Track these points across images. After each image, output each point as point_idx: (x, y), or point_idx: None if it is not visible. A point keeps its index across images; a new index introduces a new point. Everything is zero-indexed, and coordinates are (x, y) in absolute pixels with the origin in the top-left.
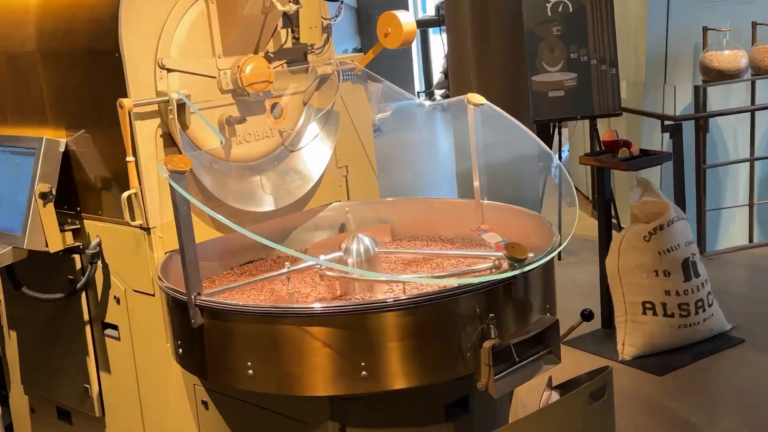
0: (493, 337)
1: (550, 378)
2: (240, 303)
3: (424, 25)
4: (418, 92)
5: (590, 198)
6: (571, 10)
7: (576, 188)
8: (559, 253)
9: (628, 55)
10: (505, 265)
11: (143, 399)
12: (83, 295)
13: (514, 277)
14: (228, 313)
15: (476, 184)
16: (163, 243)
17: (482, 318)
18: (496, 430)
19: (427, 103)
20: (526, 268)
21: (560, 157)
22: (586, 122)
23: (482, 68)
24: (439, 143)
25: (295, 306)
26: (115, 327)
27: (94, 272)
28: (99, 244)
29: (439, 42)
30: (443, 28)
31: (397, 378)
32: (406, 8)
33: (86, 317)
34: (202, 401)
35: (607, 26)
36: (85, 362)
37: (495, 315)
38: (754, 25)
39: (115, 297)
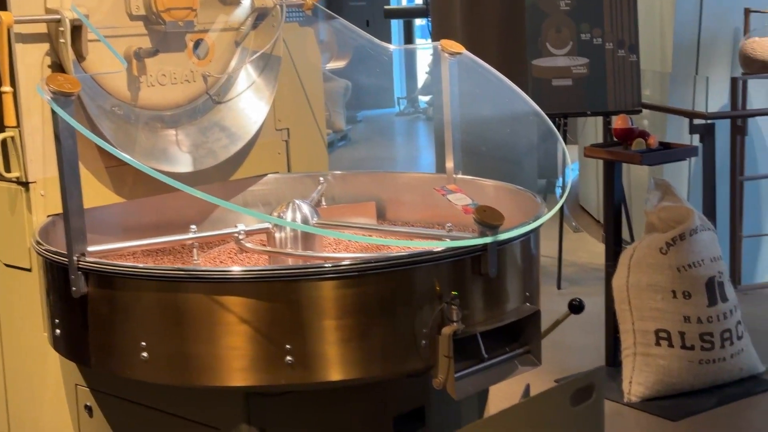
0: (455, 320)
1: (527, 387)
2: (135, 265)
3: (408, 14)
4: (398, 98)
5: (601, 221)
6: None
7: (583, 209)
8: (559, 280)
9: (652, 39)
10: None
11: (11, 404)
12: None
13: (485, 246)
14: (119, 278)
15: (448, 136)
16: (45, 203)
17: (442, 296)
18: None
19: (392, 47)
20: (501, 236)
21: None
22: (599, 120)
23: (472, 50)
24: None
25: (205, 269)
26: None
27: None
28: None
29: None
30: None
31: (332, 368)
32: None
33: None
34: (86, 406)
35: (627, 3)
36: None
37: (459, 294)
38: None
39: None
